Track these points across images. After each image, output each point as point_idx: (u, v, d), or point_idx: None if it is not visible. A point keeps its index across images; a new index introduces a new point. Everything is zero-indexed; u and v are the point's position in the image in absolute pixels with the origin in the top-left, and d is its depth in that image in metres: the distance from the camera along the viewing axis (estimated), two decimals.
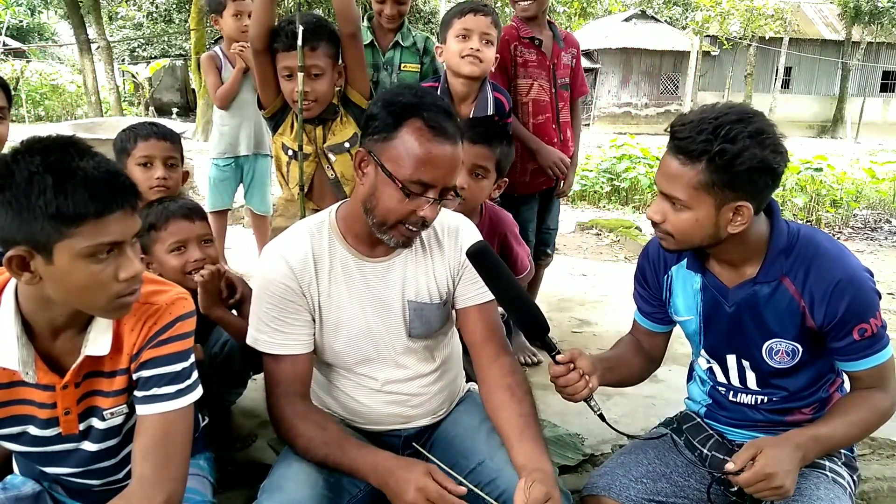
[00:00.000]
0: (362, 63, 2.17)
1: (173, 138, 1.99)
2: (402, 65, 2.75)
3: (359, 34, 2.11)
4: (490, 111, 2.31)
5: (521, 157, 2.62)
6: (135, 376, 1.19)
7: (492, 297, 1.49)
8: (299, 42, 1.99)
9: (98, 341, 1.16)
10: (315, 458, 1.38)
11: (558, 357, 1.38)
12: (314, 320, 1.48)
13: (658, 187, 1.37)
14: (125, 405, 1.23)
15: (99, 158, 1.05)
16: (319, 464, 1.38)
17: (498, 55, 2.31)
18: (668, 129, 1.34)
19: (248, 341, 1.48)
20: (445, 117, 1.36)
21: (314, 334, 1.49)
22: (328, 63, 2.06)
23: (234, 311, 1.84)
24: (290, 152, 2.17)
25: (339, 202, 1.56)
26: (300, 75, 2.02)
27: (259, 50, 2.07)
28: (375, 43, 2.69)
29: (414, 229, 1.39)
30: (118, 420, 1.24)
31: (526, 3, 2.60)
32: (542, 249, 2.97)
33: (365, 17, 2.79)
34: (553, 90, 2.68)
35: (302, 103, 2.06)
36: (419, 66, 2.78)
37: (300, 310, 1.45)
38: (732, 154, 1.24)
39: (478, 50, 2.20)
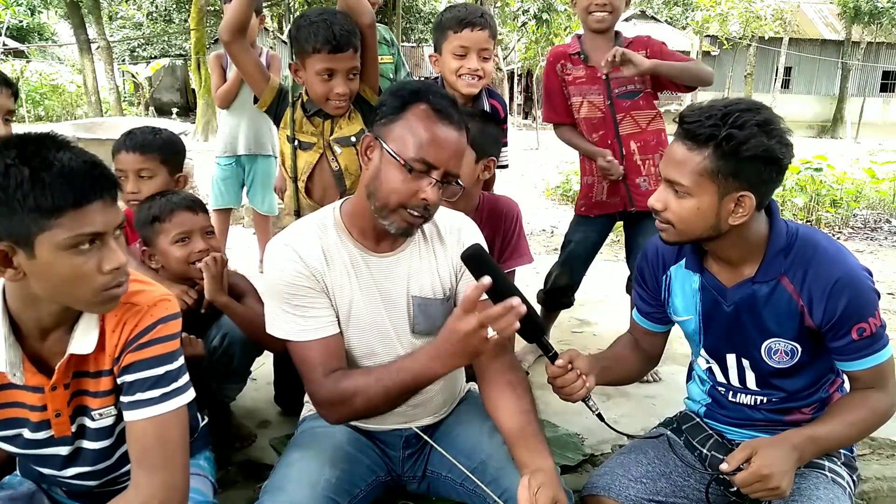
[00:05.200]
0: (376, 58, 2.16)
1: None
2: (380, 57, 2.77)
3: (374, 24, 2.09)
4: None
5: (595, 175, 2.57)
6: (119, 380, 1.18)
7: None
8: (287, 40, 2.03)
9: (83, 340, 1.14)
10: (379, 401, 1.36)
11: (557, 361, 1.39)
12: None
13: (662, 174, 1.37)
14: (113, 406, 1.22)
15: (76, 150, 1.04)
16: (389, 403, 1.36)
17: (499, 69, 2.26)
18: (677, 119, 1.35)
19: (278, 335, 1.44)
20: (450, 104, 1.40)
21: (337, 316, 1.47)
22: (359, 63, 2.05)
23: None
24: (296, 142, 2.16)
25: (343, 199, 1.57)
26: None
27: (227, 41, 2.04)
28: None
29: (416, 213, 1.39)
30: (108, 421, 1.23)
31: (601, 14, 2.39)
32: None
33: None
34: (608, 102, 2.46)
35: (328, 105, 2.06)
36: (391, 57, 2.92)
37: (320, 294, 1.44)
38: (739, 140, 1.25)
39: (476, 69, 2.14)
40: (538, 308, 2.73)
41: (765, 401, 1.50)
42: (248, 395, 2.12)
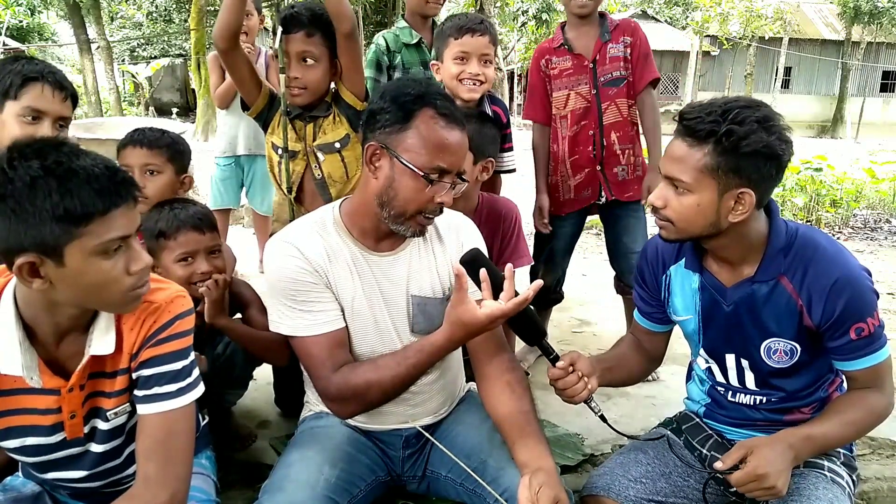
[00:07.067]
0: (358, 63, 2.15)
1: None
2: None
3: (355, 33, 2.08)
4: None
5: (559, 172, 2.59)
6: (135, 375, 1.19)
7: None
8: (279, 33, 1.99)
9: (102, 340, 1.15)
10: (394, 388, 1.41)
11: (558, 364, 1.39)
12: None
13: (662, 171, 1.38)
14: (128, 404, 1.23)
15: (94, 156, 1.05)
16: (403, 389, 1.43)
17: (499, 69, 2.27)
18: (676, 116, 1.35)
19: (285, 332, 1.45)
20: (452, 104, 1.41)
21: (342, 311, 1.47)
22: (323, 53, 2.03)
23: (237, 315, 1.84)
24: (280, 150, 2.16)
25: (342, 199, 1.56)
26: (282, 77, 2.03)
27: (223, 49, 2.00)
28: (423, 41, 2.58)
29: (431, 217, 1.43)
30: (121, 420, 1.24)
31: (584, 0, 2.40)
32: (623, 277, 2.66)
33: (401, 18, 2.76)
34: (594, 91, 2.47)
35: (286, 92, 2.05)
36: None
37: (324, 289, 1.44)
38: (739, 135, 1.25)
39: (477, 74, 2.16)
40: None
41: (764, 401, 1.50)
42: (249, 396, 2.12)
